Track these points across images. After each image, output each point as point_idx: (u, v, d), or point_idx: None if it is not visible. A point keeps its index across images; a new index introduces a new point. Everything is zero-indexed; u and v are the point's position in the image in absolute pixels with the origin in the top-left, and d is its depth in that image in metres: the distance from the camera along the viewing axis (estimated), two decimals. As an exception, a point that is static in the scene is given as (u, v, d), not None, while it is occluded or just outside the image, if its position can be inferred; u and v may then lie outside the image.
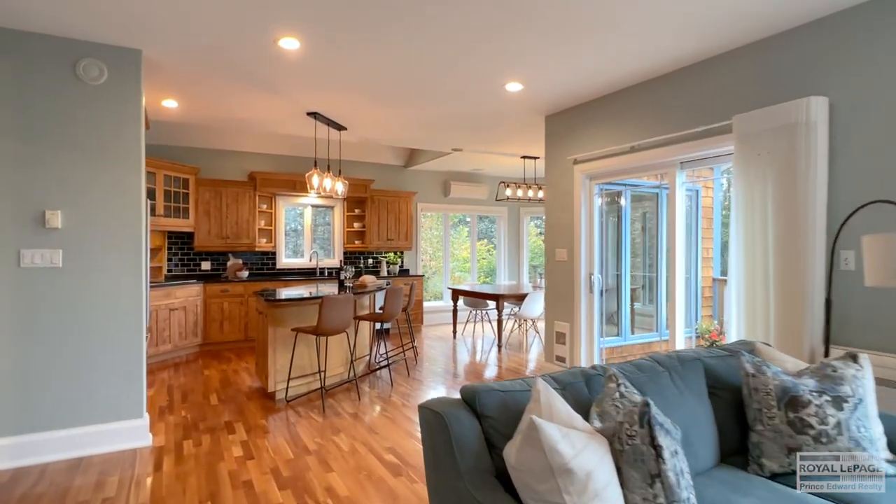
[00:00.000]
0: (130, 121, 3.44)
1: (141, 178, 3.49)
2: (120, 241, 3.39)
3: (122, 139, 3.41)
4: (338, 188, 5.61)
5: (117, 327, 3.37)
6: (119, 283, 3.38)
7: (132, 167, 3.45)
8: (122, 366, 3.39)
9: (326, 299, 4.21)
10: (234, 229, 7.07)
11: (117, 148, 3.40)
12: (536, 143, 6.53)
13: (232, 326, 6.78)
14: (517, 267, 9.88)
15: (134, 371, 3.43)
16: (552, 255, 5.13)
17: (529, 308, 6.61)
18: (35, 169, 3.20)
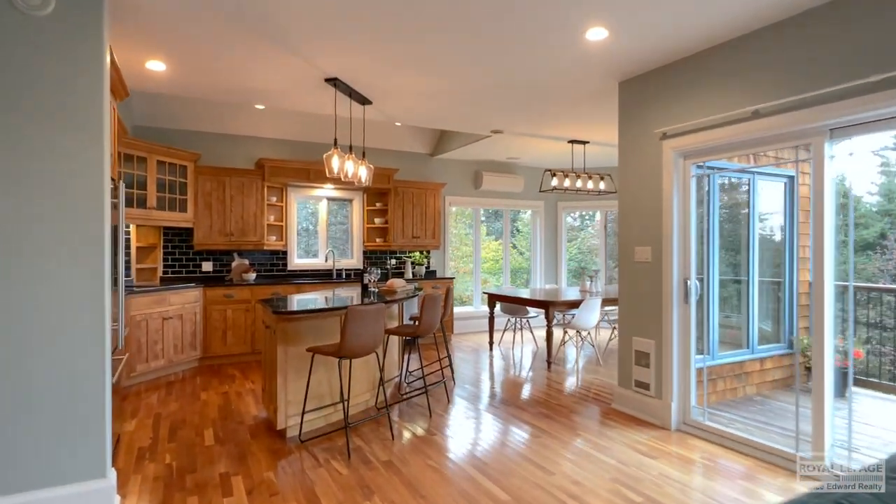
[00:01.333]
0: (89, 68, 2.49)
1: (103, 149, 2.53)
2: (73, 237, 2.44)
3: (76, 94, 2.46)
4: (361, 174, 4.65)
5: (67, 354, 2.42)
6: (70, 294, 2.43)
7: (91, 135, 2.49)
8: (75, 407, 2.44)
9: (352, 311, 3.24)
10: (240, 225, 6.14)
11: (71, 106, 2.45)
12: (593, 122, 5.52)
13: (236, 337, 5.84)
14: (555, 268, 8.86)
15: (92, 413, 2.48)
16: (629, 254, 4.12)
17: (585, 318, 5.59)
18: (-52, 132, 2.26)
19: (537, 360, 6.01)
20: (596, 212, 9.02)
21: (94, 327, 2.47)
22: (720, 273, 4.97)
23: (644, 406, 3.93)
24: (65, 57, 2.44)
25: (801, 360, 5.06)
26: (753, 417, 4.15)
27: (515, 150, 7.29)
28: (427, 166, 7.73)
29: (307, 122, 6.54)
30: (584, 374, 5.39)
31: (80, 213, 2.45)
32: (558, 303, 5.60)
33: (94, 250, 2.48)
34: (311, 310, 3.55)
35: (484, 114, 5.26)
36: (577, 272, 9.19)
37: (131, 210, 5.14)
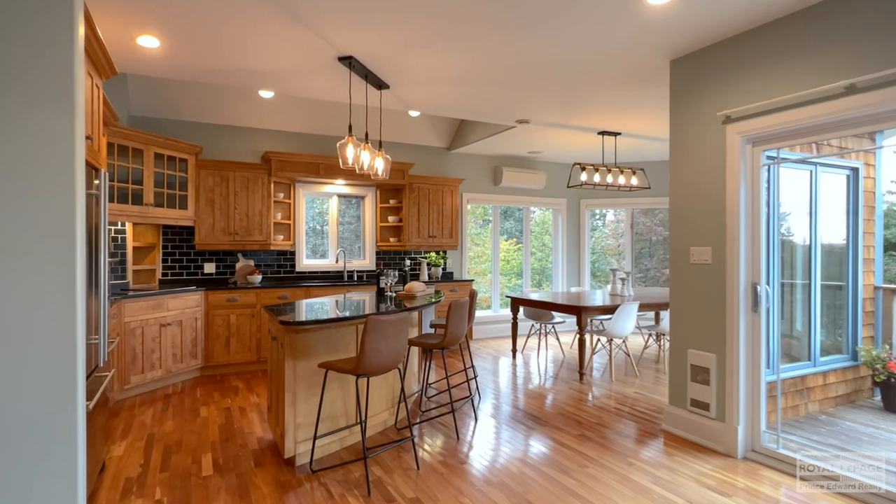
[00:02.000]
0: (55, 22, 2.04)
1: (74, 129, 2.08)
2: (32, 235, 1.98)
3: (38, 54, 2.01)
4: (377, 165, 4.18)
5: (21, 380, 1.96)
6: (24, 303, 1.97)
7: (59, 105, 2.04)
8: (29, 446, 1.98)
9: (372, 322, 2.76)
10: (245, 223, 5.69)
11: (31, 70, 1.99)
12: (628, 110, 5.03)
13: (240, 345, 5.39)
14: (577, 269, 8.36)
15: (59, 451, 2.02)
16: (683, 255, 3.63)
17: (620, 324, 5.10)
18: None
19: (566, 370, 5.52)
20: (608, 210, 8.51)
21: (59, 344, 2.01)
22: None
23: (702, 429, 3.44)
24: (27, 21, 1.98)
25: (868, 373, 4.55)
26: (825, 440, 3.65)
27: (538, 143, 6.80)
28: (444, 161, 7.26)
29: (317, 112, 6.08)
30: (620, 386, 4.89)
31: (42, 201, 1.99)
32: (592, 308, 5.10)
33: (59, 249, 2.02)
34: (323, 320, 3.08)
35: (511, 101, 4.77)
36: (599, 274, 8.68)
37: (126, 207, 4.71)
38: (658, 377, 5.23)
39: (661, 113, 5.12)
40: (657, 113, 5.14)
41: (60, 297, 2.01)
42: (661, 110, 5.03)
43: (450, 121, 6.89)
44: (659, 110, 5.04)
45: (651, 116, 5.30)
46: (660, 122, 5.52)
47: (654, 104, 4.85)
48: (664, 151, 7.12)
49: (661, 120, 5.40)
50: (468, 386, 4.42)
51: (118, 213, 4.63)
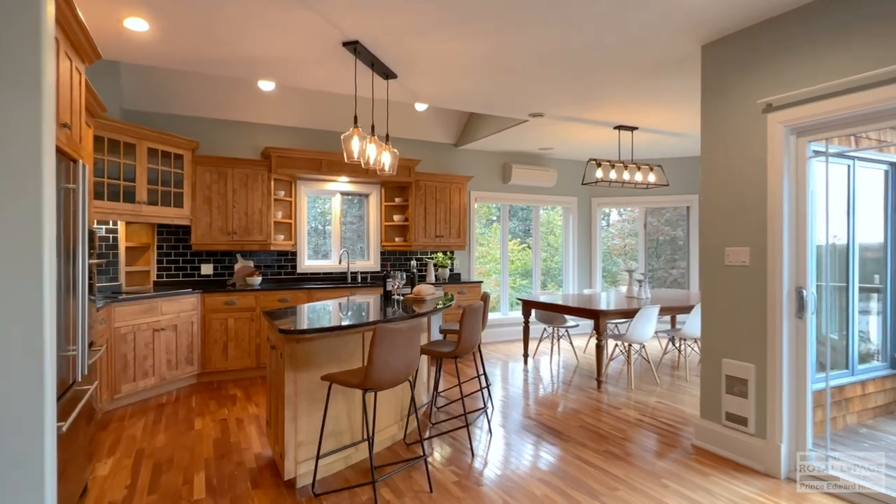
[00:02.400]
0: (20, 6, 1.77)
1: (42, 109, 1.81)
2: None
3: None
4: (384, 160, 3.91)
5: (-14, 401, 1.70)
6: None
7: (22, 86, 1.77)
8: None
9: (382, 331, 2.49)
10: (243, 222, 5.42)
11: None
12: (648, 102, 4.75)
13: (239, 350, 5.12)
14: (588, 270, 8.07)
15: (26, 481, 1.75)
16: (716, 256, 3.35)
17: (640, 329, 4.81)
18: None
19: (582, 378, 5.23)
20: (611, 209, 8.22)
21: (22, 362, 1.74)
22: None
23: (739, 445, 3.15)
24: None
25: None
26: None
27: (549, 139, 6.52)
28: (451, 158, 6.98)
29: (319, 106, 5.81)
30: (640, 394, 4.61)
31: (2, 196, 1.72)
32: (611, 312, 4.82)
33: (23, 250, 1.75)
34: (327, 328, 2.80)
35: (525, 92, 4.49)
36: (605, 274, 8.40)
37: (118, 205, 4.44)
38: (679, 385, 4.95)
39: (683, 105, 4.84)
40: (678, 105, 4.86)
41: (24, 306, 1.74)
42: (682, 103, 4.75)
43: (457, 116, 6.62)
44: (680, 102, 4.75)
45: (670, 109, 5.01)
46: (680, 115, 5.24)
47: (675, 96, 4.57)
48: (681, 147, 6.83)
49: (682, 113, 5.12)
50: (481, 395, 4.13)
51: (109, 212, 4.36)
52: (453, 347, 3.37)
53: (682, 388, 4.85)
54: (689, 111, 5.05)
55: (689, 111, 5.05)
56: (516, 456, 3.27)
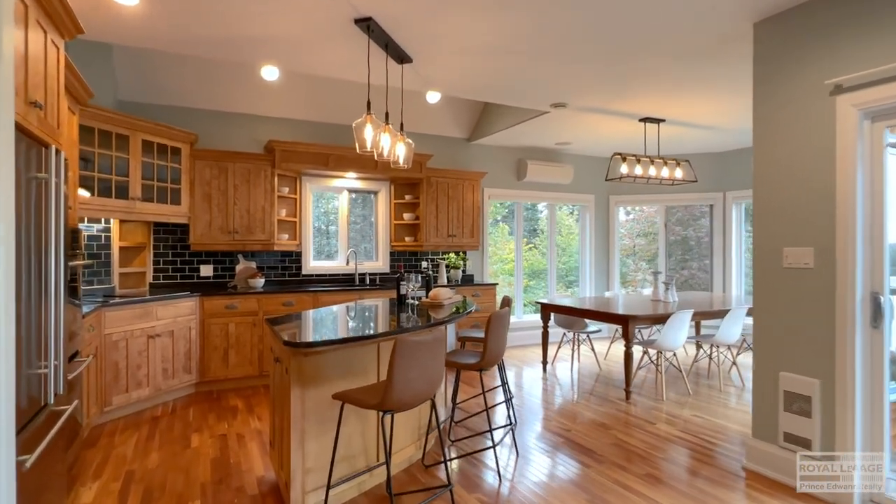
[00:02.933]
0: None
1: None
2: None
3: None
4: (399, 152, 3.58)
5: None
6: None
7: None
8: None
9: (403, 345, 2.15)
10: (246, 220, 5.09)
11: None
12: (682, 91, 4.41)
13: (240, 357, 4.79)
14: (606, 272, 7.71)
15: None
16: (772, 257, 2.99)
17: (672, 336, 4.46)
18: None
19: (607, 387, 4.88)
20: (619, 207, 7.86)
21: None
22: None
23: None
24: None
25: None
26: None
27: (567, 133, 6.17)
28: (463, 153, 6.64)
29: (326, 98, 5.48)
30: (673, 407, 4.25)
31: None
32: (641, 317, 4.46)
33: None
34: (339, 340, 2.46)
35: (550, 78, 4.15)
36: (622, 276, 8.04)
37: (109, 201, 4.11)
38: (713, 396, 4.59)
39: (717, 95, 4.50)
40: (712, 95, 4.51)
41: (-32, 319, 1.40)
42: (717, 92, 4.41)
43: (471, 109, 6.28)
44: (715, 91, 4.41)
45: (704, 99, 4.67)
46: (712, 106, 4.89)
47: (711, 84, 4.22)
48: (707, 142, 6.47)
49: (715, 103, 4.77)
50: (507, 408, 3.76)
51: (100, 209, 4.03)
52: (478, 358, 3.02)
53: (717, 399, 4.49)
54: (723, 101, 4.70)
55: (722, 101, 4.70)
56: (549, 479, 2.92)
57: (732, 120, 5.41)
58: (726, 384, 4.92)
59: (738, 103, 4.75)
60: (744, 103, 4.73)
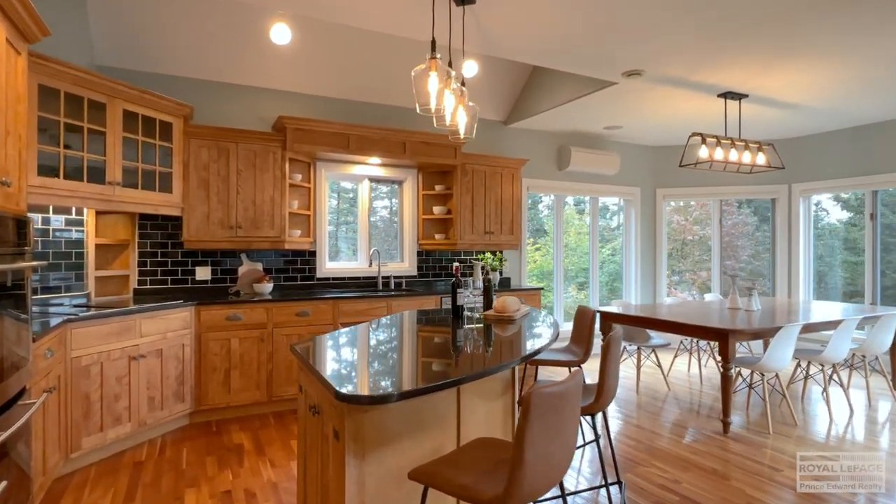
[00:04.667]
0: None
1: None
2: None
3: None
4: (459, 120, 2.71)
5: None
6: None
7: None
8: None
9: (540, 401, 1.28)
10: (251, 213, 4.21)
11: None
12: (783, 59, 3.56)
13: (245, 380, 3.91)
14: (652, 275, 6.88)
15: None
16: None
17: (780, 354, 3.63)
18: None
19: (690, 415, 4.04)
20: (673, 202, 7.03)
21: None
22: None
23: None
24: None
25: None
26: None
27: (621, 115, 5.33)
28: (500, 137, 5.78)
29: (346, 70, 4.60)
30: (785, 442, 3.41)
31: None
32: (744, 332, 3.62)
33: None
34: (426, 388, 1.57)
35: (635, 35, 3.30)
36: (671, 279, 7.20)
37: (79, 185, 3.21)
38: (821, 424, 3.76)
39: (821, 60, 3.67)
40: (815, 60, 3.69)
41: None
42: (825, 55, 3.58)
43: (512, 85, 5.42)
44: (825, 55, 3.58)
45: (803, 67, 3.84)
46: (809, 77, 4.07)
47: (823, 46, 3.40)
48: (778, 127, 5.64)
49: (815, 73, 3.95)
50: (604, 465, 2.86)
51: (67, 195, 3.13)
52: (591, 399, 2.15)
53: (833, 431, 3.66)
54: (823, 70, 3.88)
55: (823, 70, 3.88)
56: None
57: (822, 96, 4.59)
58: (838, 411, 4.09)
59: (835, 75, 3.95)
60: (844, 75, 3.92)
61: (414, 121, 5.14)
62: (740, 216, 7.06)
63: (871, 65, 3.84)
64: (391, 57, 4.56)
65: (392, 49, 4.48)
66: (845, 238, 6.17)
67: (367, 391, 1.42)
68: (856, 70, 3.95)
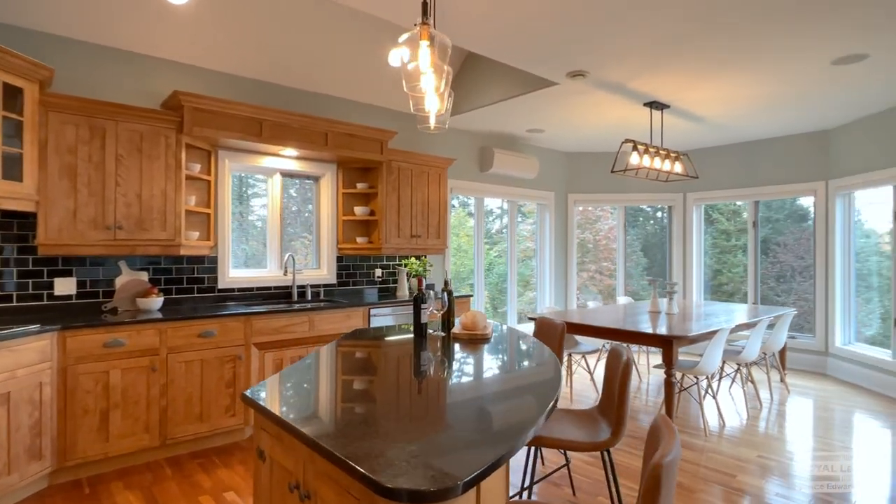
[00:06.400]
0: None
1: None
2: None
3: None
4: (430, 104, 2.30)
5: None
6: None
7: None
8: None
9: (667, 471, 0.95)
10: (135, 211, 3.36)
11: None
12: (712, 73, 3.70)
13: (130, 421, 3.08)
14: (564, 279, 6.98)
15: None
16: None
17: (714, 356, 3.74)
18: None
19: (634, 424, 3.99)
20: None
21: None
22: None
23: None
24: None
25: None
26: None
27: (545, 118, 5.27)
28: (420, 135, 5.41)
29: (259, 45, 3.91)
30: (727, 446, 3.51)
31: None
32: (686, 337, 3.66)
33: None
34: (496, 463, 1.15)
35: (592, 32, 3.16)
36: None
37: None
38: (755, 426, 3.96)
39: (743, 74, 3.89)
40: (737, 73, 3.90)
41: None
42: (747, 69, 3.79)
43: (437, 79, 5.07)
44: (746, 69, 3.79)
45: (723, 81, 4.05)
46: (725, 91, 4.31)
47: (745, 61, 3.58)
48: (681, 139, 5.99)
49: (732, 86, 4.19)
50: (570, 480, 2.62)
51: None
52: (609, 434, 1.88)
53: (766, 431, 3.85)
54: (740, 84, 4.12)
55: (739, 84, 4.12)
56: None
57: (726, 113, 4.94)
58: (753, 408, 4.35)
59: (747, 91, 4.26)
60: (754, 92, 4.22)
61: (337, 111, 4.60)
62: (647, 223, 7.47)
63: (771, 86, 4.15)
64: (316, 35, 3.97)
65: (318, 26, 3.89)
66: (735, 245, 6.77)
67: (427, 482, 0.97)
68: (760, 89, 4.25)
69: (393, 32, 4.12)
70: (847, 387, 5.04)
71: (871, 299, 5.42)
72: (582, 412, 2.21)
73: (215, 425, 3.40)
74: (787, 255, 6.24)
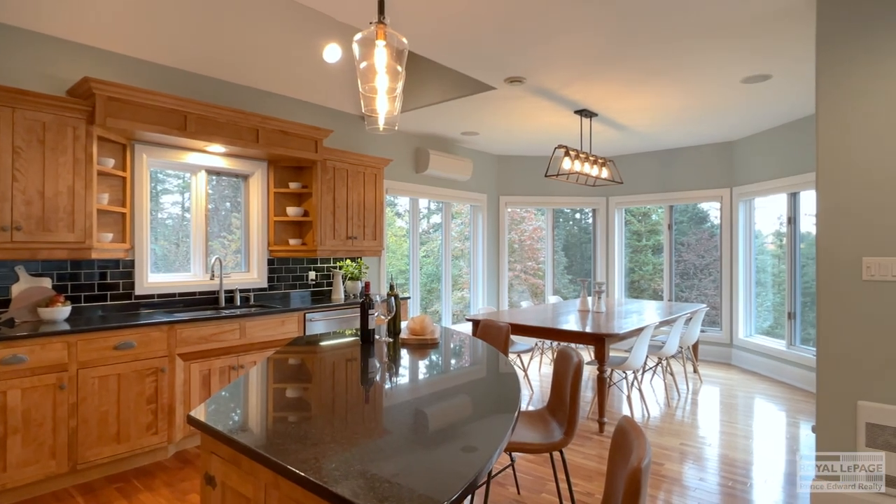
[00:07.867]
0: None
1: None
2: None
3: None
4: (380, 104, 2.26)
5: None
6: None
7: None
8: None
9: (646, 473, 0.98)
10: (37, 210, 3.00)
11: None
12: (640, 85, 3.95)
13: (35, 446, 2.74)
14: (496, 279, 7.13)
15: None
16: (847, 269, 2.58)
17: (641, 352, 3.97)
18: None
19: (564, 417, 4.17)
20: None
21: None
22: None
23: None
24: None
25: None
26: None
27: (479, 121, 5.35)
28: (358, 135, 5.29)
29: (190, 31, 3.62)
30: (651, 436, 3.74)
31: None
32: (617, 335, 3.86)
33: None
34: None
35: (530, 38, 3.24)
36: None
37: None
38: (673, 416, 4.25)
39: (671, 86, 4.18)
40: (666, 86, 4.19)
41: None
42: (678, 82, 4.08)
43: (373, 78, 4.98)
44: (678, 82, 4.07)
45: (651, 93, 4.33)
46: (649, 101, 4.60)
47: (677, 75, 3.86)
48: (613, 145, 6.32)
49: (655, 97, 4.48)
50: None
51: None
52: (562, 434, 1.93)
53: (684, 420, 4.14)
54: (665, 96, 4.42)
55: (664, 96, 4.42)
56: None
57: (648, 122, 5.27)
58: (671, 399, 4.67)
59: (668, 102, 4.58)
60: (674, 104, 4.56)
61: (271, 107, 4.38)
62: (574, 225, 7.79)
63: (689, 99, 4.49)
64: (249, 26, 3.75)
65: (252, 17, 3.68)
66: (645, 244, 7.24)
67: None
68: (680, 102, 4.58)
69: (332, 28, 4.00)
70: (749, 375, 5.56)
71: (763, 293, 6.02)
72: (532, 413, 2.25)
73: (135, 445, 3.11)
74: (689, 254, 6.78)
